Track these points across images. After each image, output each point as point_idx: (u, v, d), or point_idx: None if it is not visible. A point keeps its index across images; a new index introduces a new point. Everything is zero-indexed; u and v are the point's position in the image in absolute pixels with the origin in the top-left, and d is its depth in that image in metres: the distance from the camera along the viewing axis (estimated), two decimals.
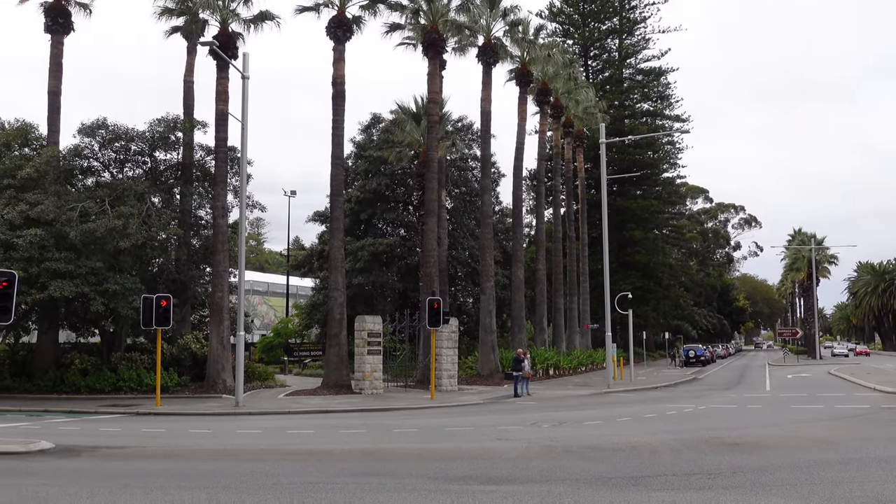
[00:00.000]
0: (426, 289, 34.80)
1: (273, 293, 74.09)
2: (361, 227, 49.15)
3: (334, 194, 34.42)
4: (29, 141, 33.77)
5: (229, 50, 31.89)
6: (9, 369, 31.14)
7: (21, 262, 26.49)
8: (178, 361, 32.70)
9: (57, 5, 33.65)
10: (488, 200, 41.06)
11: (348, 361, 33.71)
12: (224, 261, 32.05)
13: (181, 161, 34.75)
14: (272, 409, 26.14)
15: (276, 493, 10.65)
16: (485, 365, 38.87)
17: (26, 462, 14.15)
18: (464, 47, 40.58)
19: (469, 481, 11.36)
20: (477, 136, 49.41)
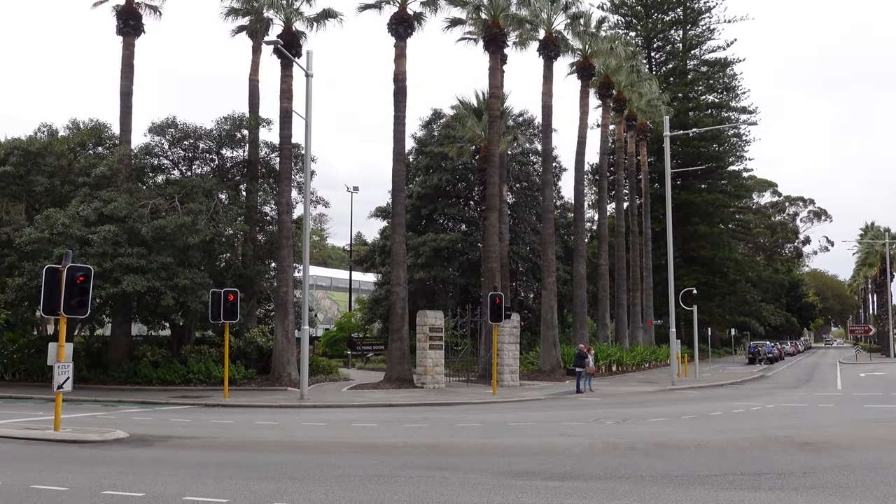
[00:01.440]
0: (487, 284, 34.81)
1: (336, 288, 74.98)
2: (423, 222, 49.38)
3: (396, 190, 34.68)
4: (102, 140, 34.88)
5: (293, 48, 32.40)
6: (85, 361, 32.20)
7: (96, 257, 27.38)
8: (244, 354, 33.39)
9: (128, 8, 34.65)
10: (550, 195, 40.81)
11: (410, 356, 33.96)
12: (289, 256, 32.62)
13: (247, 158, 35.44)
14: (336, 402, 26.51)
15: (343, 484, 10.83)
16: (546, 360, 38.70)
17: (103, 451, 14.68)
18: (525, 41, 40.38)
19: (532, 477, 11.37)
20: (538, 131, 49.13)
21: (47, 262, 25.25)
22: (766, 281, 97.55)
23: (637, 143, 57.32)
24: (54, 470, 12.25)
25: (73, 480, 11.24)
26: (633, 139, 56.21)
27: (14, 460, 13.49)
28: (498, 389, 29.87)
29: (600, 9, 73.78)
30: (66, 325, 17.04)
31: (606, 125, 50.27)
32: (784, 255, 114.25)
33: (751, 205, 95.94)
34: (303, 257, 28.66)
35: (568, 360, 38.24)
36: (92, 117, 36.84)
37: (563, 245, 50.77)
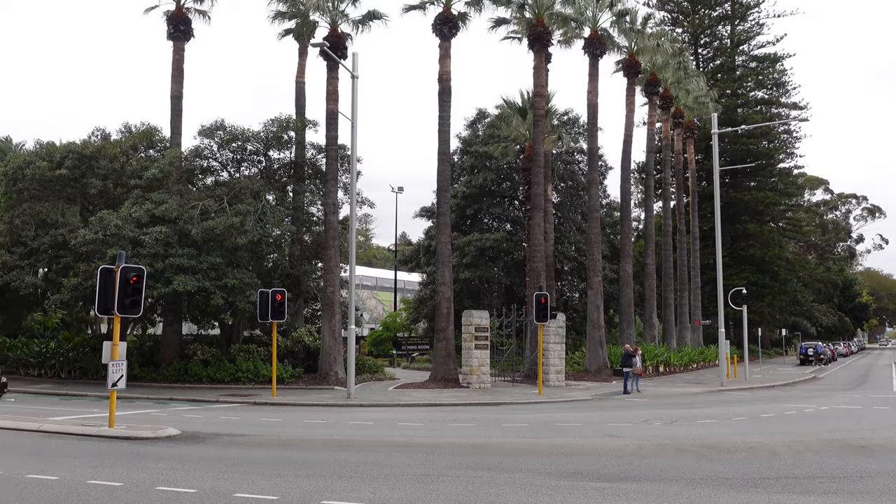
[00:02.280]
0: (533, 283, 34.69)
1: (381, 288, 75.46)
2: (468, 222, 49.41)
3: (441, 190, 34.75)
4: (154, 143, 35.63)
5: (339, 50, 32.68)
6: (137, 359, 32.91)
7: (148, 257, 27.97)
8: (292, 354, 33.78)
9: (178, 13, 35.31)
10: (595, 194, 40.50)
11: (455, 355, 34.00)
12: (335, 256, 32.90)
13: (293, 159, 35.84)
14: (382, 401, 26.65)
15: (390, 483, 10.89)
16: (592, 361, 38.42)
17: (155, 447, 14.97)
18: (569, 40, 40.17)
19: (580, 478, 11.30)
20: (583, 130, 48.83)
21: (101, 262, 25.86)
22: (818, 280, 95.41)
23: (684, 140, 56.58)
24: (109, 466, 12.53)
25: (127, 476, 11.48)
26: (680, 137, 55.49)
27: (71, 455, 13.83)
28: (544, 389, 29.75)
29: (646, 5, 73.11)
30: (120, 324, 17.41)
31: (653, 123, 49.72)
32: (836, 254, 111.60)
33: (802, 203, 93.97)
34: (349, 257, 28.88)
35: (615, 360, 37.92)
36: (143, 121, 37.71)
37: (609, 244, 50.34)
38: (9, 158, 38.05)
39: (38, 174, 32.06)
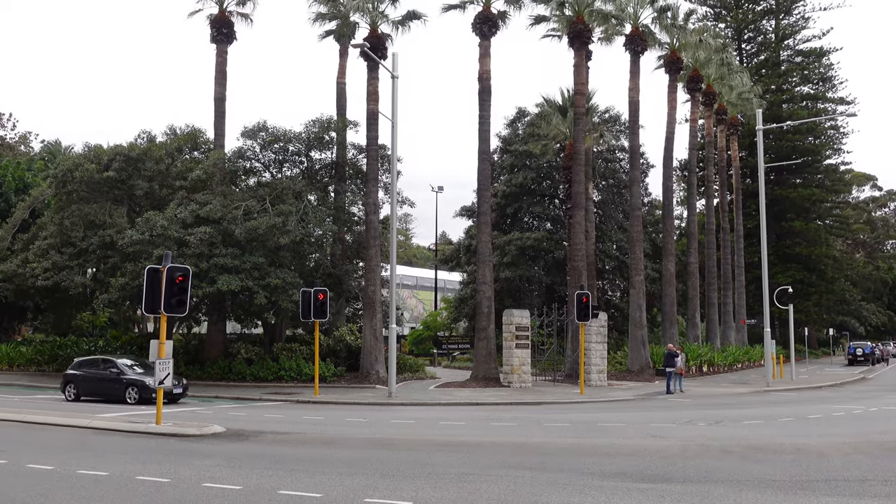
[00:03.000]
0: (574, 282, 34.50)
1: (422, 287, 75.63)
2: (508, 221, 49.29)
3: (481, 189, 34.72)
4: (198, 145, 36.18)
5: (379, 51, 32.85)
6: (183, 358, 33.44)
7: (193, 258, 28.41)
8: (334, 352, 34.05)
9: (221, 17, 35.82)
10: (637, 192, 40.12)
11: (496, 354, 33.96)
12: (376, 256, 33.08)
13: (335, 160, 36.11)
14: (423, 400, 26.72)
15: (432, 482, 10.92)
16: (635, 360, 38.07)
17: (201, 444, 15.21)
18: (610, 37, 39.87)
19: (623, 478, 11.21)
20: (624, 127, 48.39)
21: (147, 262, 26.34)
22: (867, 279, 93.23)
23: (727, 137, 55.75)
24: (157, 462, 12.77)
25: (174, 472, 11.69)
26: (724, 133, 54.69)
27: (120, 452, 14.12)
28: (585, 389, 29.57)
29: (688, 1, 72.11)
30: (166, 323, 17.71)
31: (695, 120, 49.08)
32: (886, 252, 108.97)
33: (849, 200, 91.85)
34: (390, 257, 29.01)
35: (657, 359, 37.53)
36: (188, 123, 38.37)
37: (651, 243, 49.81)
38: (58, 161, 38.94)
39: (86, 176, 32.74)
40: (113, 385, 25.37)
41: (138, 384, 24.81)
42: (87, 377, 25.97)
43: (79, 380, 26.04)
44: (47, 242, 33.29)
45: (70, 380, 26.25)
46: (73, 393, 25.89)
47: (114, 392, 25.23)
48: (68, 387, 26.12)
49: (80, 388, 25.91)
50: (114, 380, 25.45)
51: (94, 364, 26.51)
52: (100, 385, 25.72)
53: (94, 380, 25.86)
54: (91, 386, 25.87)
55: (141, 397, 24.49)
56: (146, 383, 24.43)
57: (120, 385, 25.17)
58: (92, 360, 27.01)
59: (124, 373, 25.51)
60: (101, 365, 26.26)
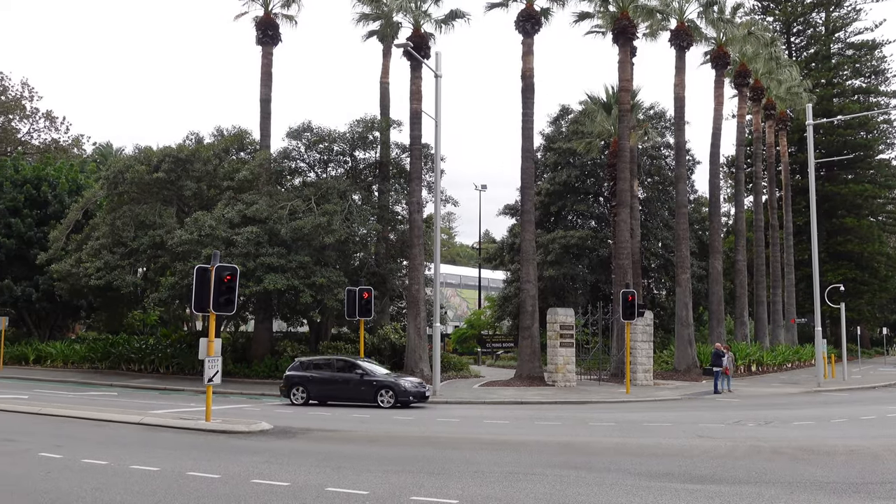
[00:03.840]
0: (619, 281, 34.21)
1: (465, 285, 75.67)
2: (552, 219, 49.07)
3: (525, 187, 34.63)
4: (244, 145, 36.66)
5: (422, 50, 32.95)
6: (230, 356, 33.95)
7: (240, 257, 28.82)
8: (378, 351, 34.26)
9: (267, 19, 36.27)
10: (683, 189, 39.60)
11: (541, 353, 33.85)
12: (420, 254, 33.19)
13: (378, 159, 36.32)
14: (467, 398, 26.74)
15: (478, 480, 10.93)
16: (681, 360, 37.60)
17: (249, 441, 15.43)
18: (655, 32, 39.44)
19: (671, 479, 11.09)
20: (670, 124, 47.83)
21: (196, 262, 26.78)
22: None
23: (776, 133, 54.72)
24: (207, 458, 12.99)
25: (224, 468, 11.88)
26: (772, 129, 53.69)
27: (171, 448, 14.40)
28: (631, 388, 29.31)
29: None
30: (214, 321, 17.98)
31: (743, 115, 48.27)
32: None
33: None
34: (434, 255, 29.08)
35: (704, 359, 37.03)
36: (234, 124, 38.93)
37: (697, 241, 49.15)
38: (110, 163, 39.77)
39: (136, 178, 33.39)
40: (359, 388, 24.13)
41: (392, 386, 23.79)
42: (323, 379, 24.57)
43: (310, 382, 24.58)
44: (100, 242, 34.02)
45: (297, 382, 24.64)
46: (302, 397, 24.47)
47: (360, 395, 24.08)
48: (295, 390, 24.57)
49: (311, 391, 24.53)
50: (360, 382, 24.14)
51: (328, 365, 25.10)
52: (341, 388, 24.40)
53: (332, 382, 24.49)
54: (328, 389, 24.54)
55: (397, 400, 23.54)
56: (403, 386, 23.70)
57: (369, 388, 23.95)
58: (325, 361, 25.49)
59: (372, 374, 24.40)
60: (339, 366, 24.92)
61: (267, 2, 36.98)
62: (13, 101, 51.85)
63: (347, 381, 24.38)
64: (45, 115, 53.57)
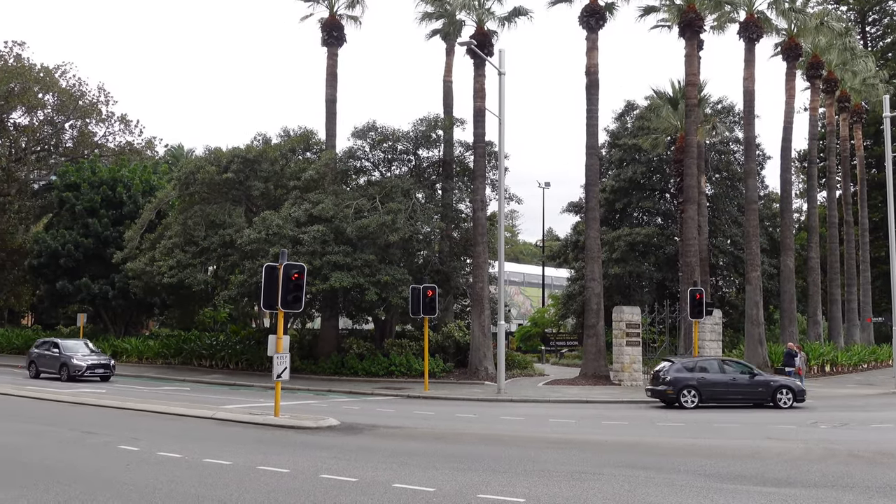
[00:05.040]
0: (686, 279, 33.61)
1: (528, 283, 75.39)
2: (617, 216, 48.48)
3: (589, 184, 34.30)
4: (310, 145, 37.18)
5: (485, 48, 32.91)
6: (297, 352, 34.46)
7: (306, 255, 29.24)
8: (442, 348, 34.37)
9: (332, 20, 36.74)
10: (753, 185, 38.62)
11: (606, 352, 33.50)
12: (483, 252, 33.19)
13: (442, 157, 36.40)
14: (532, 397, 26.64)
15: (544, 479, 10.88)
16: (751, 359, 36.59)
17: (317, 437, 15.68)
18: (723, 24, 38.60)
19: (742, 481, 10.86)
20: (739, 118, 46.69)
21: (264, 260, 27.25)
22: None
23: (851, 126, 52.91)
24: (276, 453, 13.25)
25: (293, 463, 12.10)
26: (846, 122, 51.95)
27: (242, 442, 14.73)
28: None
29: None
30: (282, 318, 18.30)
31: (815, 108, 46.84)
32: None
33: None
34: (497, 253, 29.05)
35: (775, 359, 36.06)
36: (300, 125, 39.51)
37: (767, 237, 47.89)
38: (181, 164, 40.84)
39: (207, 178, 34.18)
40: (754, 389, 23.65)
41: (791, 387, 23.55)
42: (711, 382, 23.63)
43: (705, 385, 23.45)
44: (172, 241, 34.93)
45: (687, 384, 23.28)
46: (692, 400, 23.08)
47: (754, 396, 23.65)
48: (685, 392, 23.16)
49: (704, 394, 23.28)
50: (752, 384, 23.67)
51: (715, 369, 24.28)
52: (731, 389, 23.72)
53: (718, 384, 23.62)
54: (716, 391, 23.54)
55: (796, 399, 23.31)
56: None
57: (766, 389, 23.52)
58: (706, 363, 24.81)
59: (760, 375, 24.22)
60: (719, 367, 24.35)
61: (332, 3, 37.43)
62: (90, 105, 53.57)
63: (741, 384, 23.72)
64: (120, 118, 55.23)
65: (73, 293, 44.90)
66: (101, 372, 31.20)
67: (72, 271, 44.86)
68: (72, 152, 54.49)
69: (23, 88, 50.06)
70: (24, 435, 15.33)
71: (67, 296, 45.67)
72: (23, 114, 52.97)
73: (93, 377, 30.94)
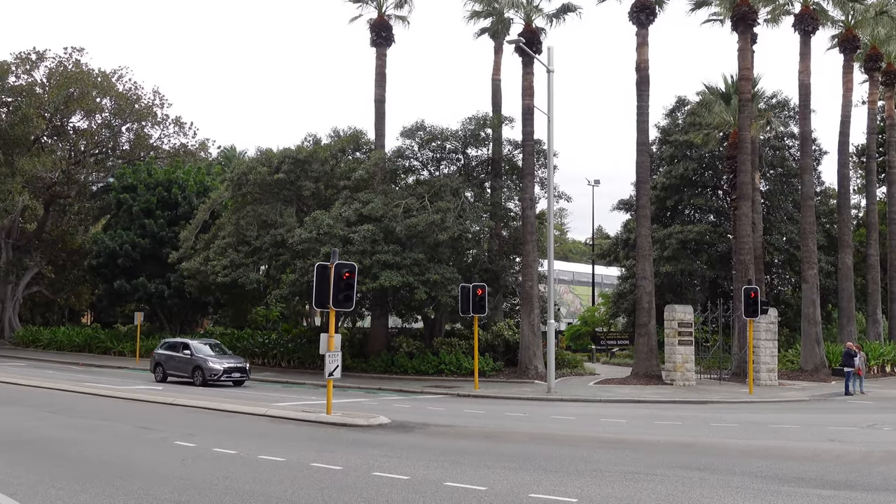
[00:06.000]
0: (740, 277, 33.02)
1: (578, 282, 74.89)
2: (668, 213, 47.84)
3: (640, 181, 33.93)
4: (360, 145, 37.48)
5: (534, 45, 32.77)
6: (348, 351, 34.78)
7: (356, 254, 29.48)
8: (492, 347, 34.35)
9: (380, 21, 36.96)
10: (809, 181, 37.78)
11: (657, 351, 33.11)
12: (533, 251, 33.07)
13: (490, 156, 36.37)
14: (582, 396, 26.47)
15: (597, 479, 10.80)
16: (808, 359, 35.91)
17: (368, 434, 15.80)
18: (777, 17, 37.80)
19: (801, 483, 10.62)
20: (794, 112, 45.67)
21: (315, 259, 27.58)
22: None
23: None
24: (329, 450, 13.39)
25: (345, 461, 12.21)
26: None
27: (295, 439, 14.92)
28: (754, 389, 28.25)
29: None
30: (334, 317, 18.47)
31: (874, 101, 45.57)
32: None
33: None
34: (547, 252, 28.92)
35: (833, 358, 35.23)
36: (350, 125, 39.81)
37: (824, 234, 46.75)
38: (233, 165, 41.50)
39: (259, 179, 34.70)
40: None
41: None
42: None
43: None
44: (225, 241, 35.53)
45: None
46: None
47: None
48: None
49: None
50: None
51: None
52: None
53: None
54: None
55: None
56: None
57: None
58: None
59: None
60: None
61: (380, 4, 37.65)
62: (146, 108, 54.78)
63: None
64: (175, 120, 56.37)
65: (131, 292, 46.00)
66: (236, 376, 28.70)
67: (129, 271, 45.96)
68: (128, 155, 55.81)
69: (82, 93, 51.39)
70: (82, 430, 15.74)
71: (125, 295, 46.80)
72: (82, 118, 54.40)
73: (227, 382, 28.51)
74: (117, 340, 46.66)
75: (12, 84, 51.03)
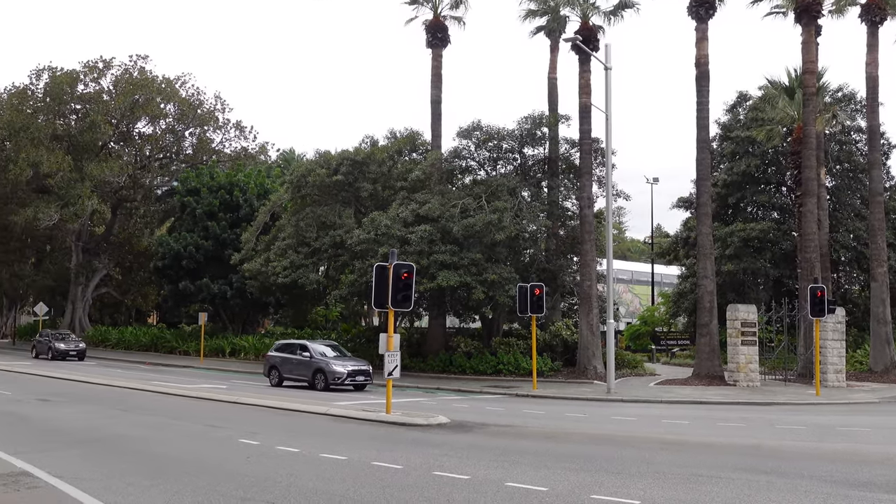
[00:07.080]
0: (806, 275, 32.19)
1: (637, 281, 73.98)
2: (729, 211, 46.90)
3: (700, 179, 33.37)
4: (416, 146, 37.68)
5: (590, 43, 32.51)
6: (406, 350, 34.96)
7: (414, 255, 29.64)
8: (550, 347, 34.17)
9: (436, 22, 37.09)
10: (877, 176, 36.63)
11: (720, 351, 32.51)
12: (591, 250, 32.79)
13: (547, 155, 36.18)
14: (643, 397, 26.13)
15: (659, 482, 10.67)
16: (878, 360, 34.82)
17: (427, 434, 15.88)
18: (842, 9, 36.71)
19: (873, 488, 10.32)
20: (861, 106, 44.30)
21: (374, 260, 27.83)
22: None
23: None
24: (389, 449, 13.50)
25: (405, 460, 12.30)
26: None
27: (356, 438, 15.09)
28: (821, 390, 27.50)
29: None
30: (392, 317, 18.61)
31: None
32: None
33: None
34: (605, 251, 28.65)
35: None
36: (406, 126, 40.02)
37: (894, 231, 45.29)
38: (293, 168, 42.14)
39: (317, 181, 35.16)
40: None
41: None
42: None
43: None
44: (285, 243, 36.08)
45: None
46: None
47: None
48: None
49: None
50: None
51: None
52: None
53: None
54: None
55: None
56: None
57: None
58: None
59: None
60: None
61: (436, 5, 37.78)
62: (208, 113, 56.06)
63: None
64: (235, 125, 57.53)
65: (195, 293, 47.09)
66: (360, 380, 27.07)
67: (193, 272, 47.06)
68: (191, 159, 57.19)
69: (146, 100, 52.85)
70: (151, 428, 16.17)
71: (189, 295, 47.92)
72: (147, 124, 55.99)
73: (349, 386, 26.87)
74: (182, 340, 47.85)
75: (81, 92, 52.79)
